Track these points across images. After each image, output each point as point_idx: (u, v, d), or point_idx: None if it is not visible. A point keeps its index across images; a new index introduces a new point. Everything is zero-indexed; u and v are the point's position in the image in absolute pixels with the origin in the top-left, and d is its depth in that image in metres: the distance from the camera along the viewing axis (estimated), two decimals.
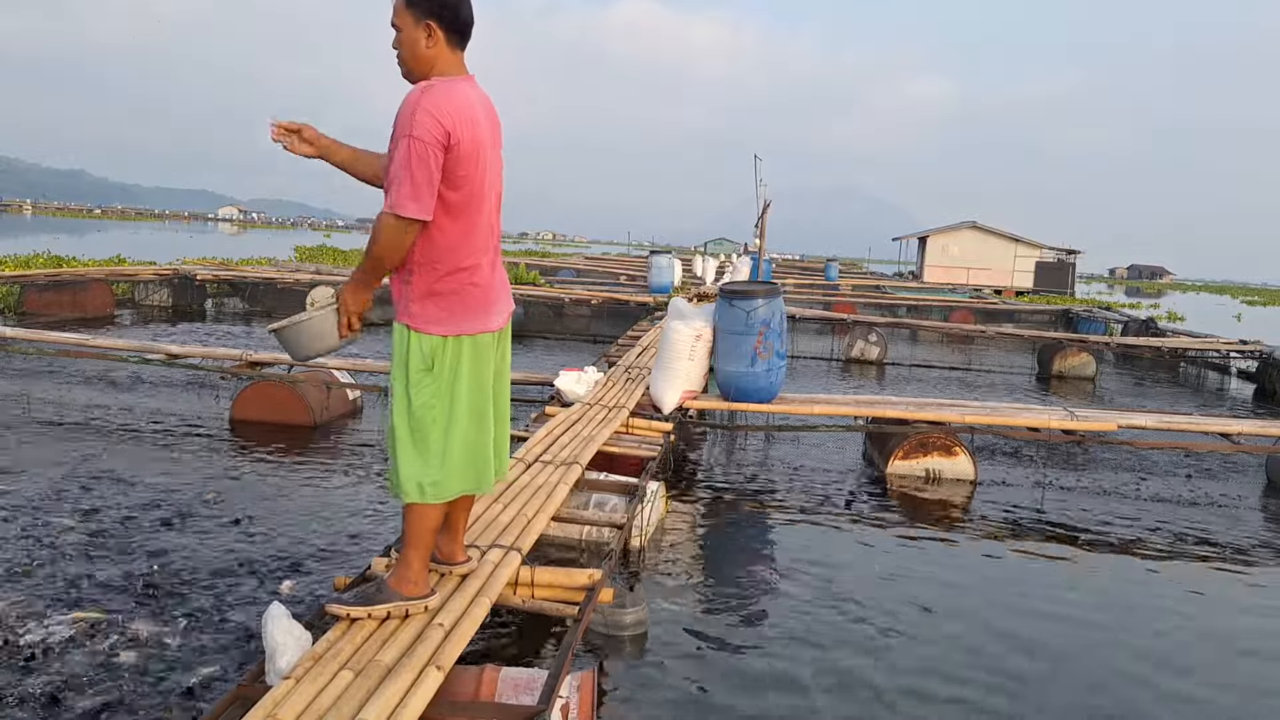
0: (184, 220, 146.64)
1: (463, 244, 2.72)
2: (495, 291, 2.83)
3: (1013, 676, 3.81)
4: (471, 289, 2.75)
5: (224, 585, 4.13)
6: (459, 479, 2.78)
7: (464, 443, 2.76)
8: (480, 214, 2.74)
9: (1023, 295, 33.31)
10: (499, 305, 2.85)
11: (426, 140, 2.55)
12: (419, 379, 2.71)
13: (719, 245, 71.17)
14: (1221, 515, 6.58)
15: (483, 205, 2.74)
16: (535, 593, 3.33)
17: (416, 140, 2.55)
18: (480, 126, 2.69)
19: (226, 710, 2.42)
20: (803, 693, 3.53)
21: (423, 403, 2.71)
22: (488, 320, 2.79)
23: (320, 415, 7.48)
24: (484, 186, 2.74)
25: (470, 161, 2.66)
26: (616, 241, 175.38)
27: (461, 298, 2.73)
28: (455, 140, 2.60)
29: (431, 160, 2.57)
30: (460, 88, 2.68)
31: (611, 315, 16.51)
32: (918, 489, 6.72)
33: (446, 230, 2.69)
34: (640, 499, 4.64)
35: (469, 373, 2.75)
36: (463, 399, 2.74)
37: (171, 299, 16.48)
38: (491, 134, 2.78)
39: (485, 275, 2.79)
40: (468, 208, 2.70)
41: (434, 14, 2.68)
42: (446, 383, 2.72)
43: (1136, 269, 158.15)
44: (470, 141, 2.64)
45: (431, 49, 2.70)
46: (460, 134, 2.61)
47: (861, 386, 11.94)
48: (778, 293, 6.97)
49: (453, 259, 2.71)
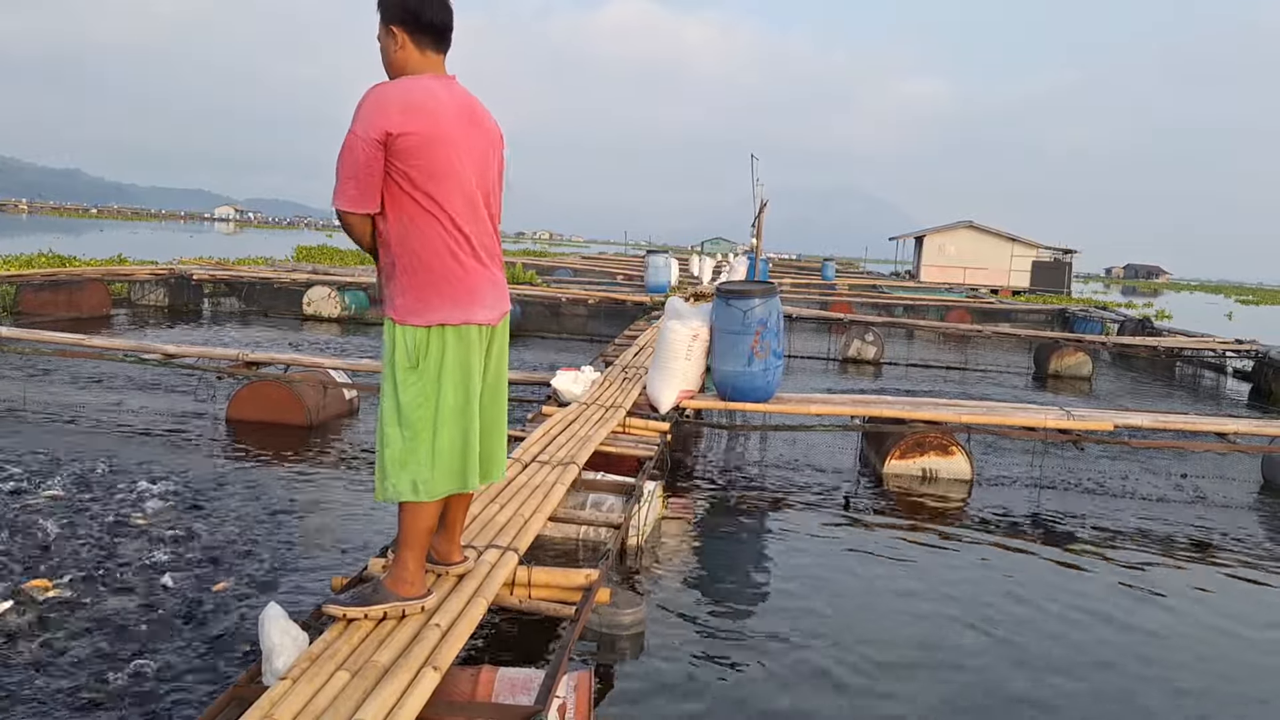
0: (180, 220, 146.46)
1: (434, 238, 2.71)
2: (479, 286, 2.80)
3: (1012, 675, 3.82)
4: (449, 281, 2.73)
5: (219, 585, 4.12)
6: (446, 477, 2.77)
7: (450, 440, 2.75)
8: (454, 205, 2.71)
9: (1019, 295, 33.36)
10: (484, 299, 2.81)
11: (359, 134, 2.59)
12: (405, 377, 2.71)
13: (716, 245, 71.23)
14: (1217, 515, 6.60)
15: (456, 197, 2.71)
16: (532, 593, 3.33)
17: (352, 134, 2.60)
18: (443, 119, 2.68)
19: (223, 711, 2.41)
20: (801, 692, 3.53)
21: (409, 400, 2.71)
22: (470, 312, 2.76)
23: (316, 415, 7.47)
24: (453, 177, 2.70)
25: (425, 150, 2.64)
26: (613, 241, 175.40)
27: (438, 289, 2.72)
28: (400, 133, 2.60)
29: (362, 154, 2.59)
30: (420, 83, 2.68)
31: (608, 315, 16.50)
32: (914, 488, 6.73)
33: (422, 223, 2.69)
34: (637, 499, 4.64)
35: (453, 366, 2.73)
36: (447, 395, 2.73)
37: (168, 299, 16.45)
38: (471, 136, 2.77)
39: (471, 268, 2.76)
40: (438, 199, 2.69)
41: (397, 19, 2.71)
42: (432, 379, 2.71)
43: (1133, 268, 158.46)
44: (422, 130, 2.62)
45: (399, 53, 2.74)
46: (406, 124, 2.60)
47: (858, 386, 11.95)
48: (774, 292, 6.97)
49: (426, 253, 2.70)
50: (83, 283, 14.33)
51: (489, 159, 2.85)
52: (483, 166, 2.82)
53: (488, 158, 2.84)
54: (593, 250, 78.40)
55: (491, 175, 2.88)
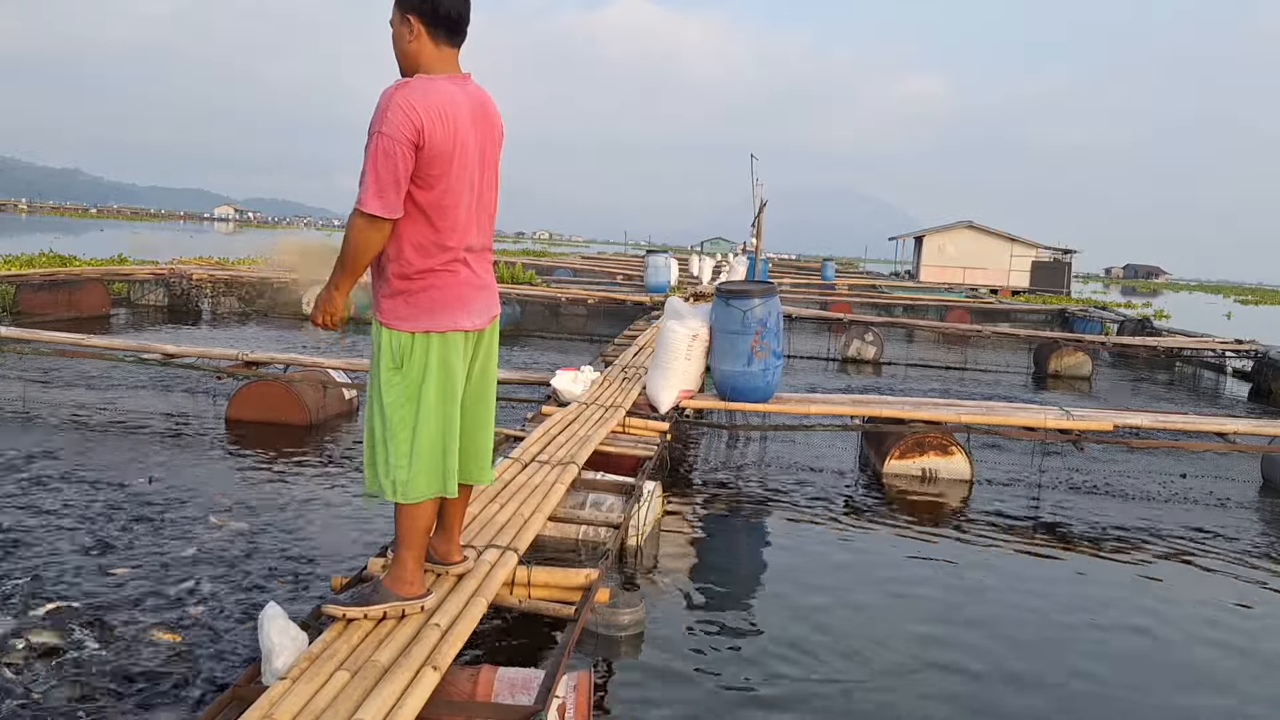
0: (180, 220, 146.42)
1: (436, 244, 2.68)
2: (473, 292, 2.77)
3: (1010, 675, 3.82)
4: (443, 288, 2.70)
5: (219, 585, 4.12)
6: (424, 480, 2.74)
7: (429, 444, 2.72)
8: (456, 214, 2.69)
9: (1019, 295, 33.34)
10: (476, 305, 2.78)
11: (395, 137, 2.52)
12: (389, 378, 2.70)
13: (715, 245, 71.22)
14: (1217, 514, 6.60)
15: (459, 205, 2.69)
16: (532, 593, 3.33)
17: (385, 137, 2.52)
18: (461, 126, 2.64)
19: (222, 711, 2.41)
20: (799, 692, 3.53)
21: (392, 401, 2.70)
22: (458, 319, 2.73)
23: (316, 415, 7.47)
24: (461, 186, 2.68)
25: (443, 160, 2.61)
26: (613, 241, 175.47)
27: (431, 296, 2.69)
28: (427, 138, 2.56)
29: (399, 157, 2.53)
30: (439, 85, 2.64)
31: (608, 315, 16.50)
32: (914, 488, 6.72)
33: (419, 229, 2.66)
34: (637, 499, 4.64)
35: (436, 371, 2.70)
36: (429, 400, 2.70)
37: (167, 299, 16.44)
38: (480, 134, 2.74)
39: (461, 275, 2.73)
40: (442, 207, 2.66)
41: (414, 7, 2.66)
42: (414, 382, 2.70)
43: (1132, 268, 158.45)
44: (444, 140, 2.59)
45: (413, 44, 2.69)
46: (433, 132, 2.56)
47: (858, 386, 11.94)
48: (774, 292, 6.97)
49: (424, 259, 2.68)
50: (82, 283, 14.32)
51: (490, 153, 2.82)
52: (485, 162, 2.80)
53: (490, 152, 2.82)
54: (592, 250, 78.34)
55: (491, 170, 2.84)
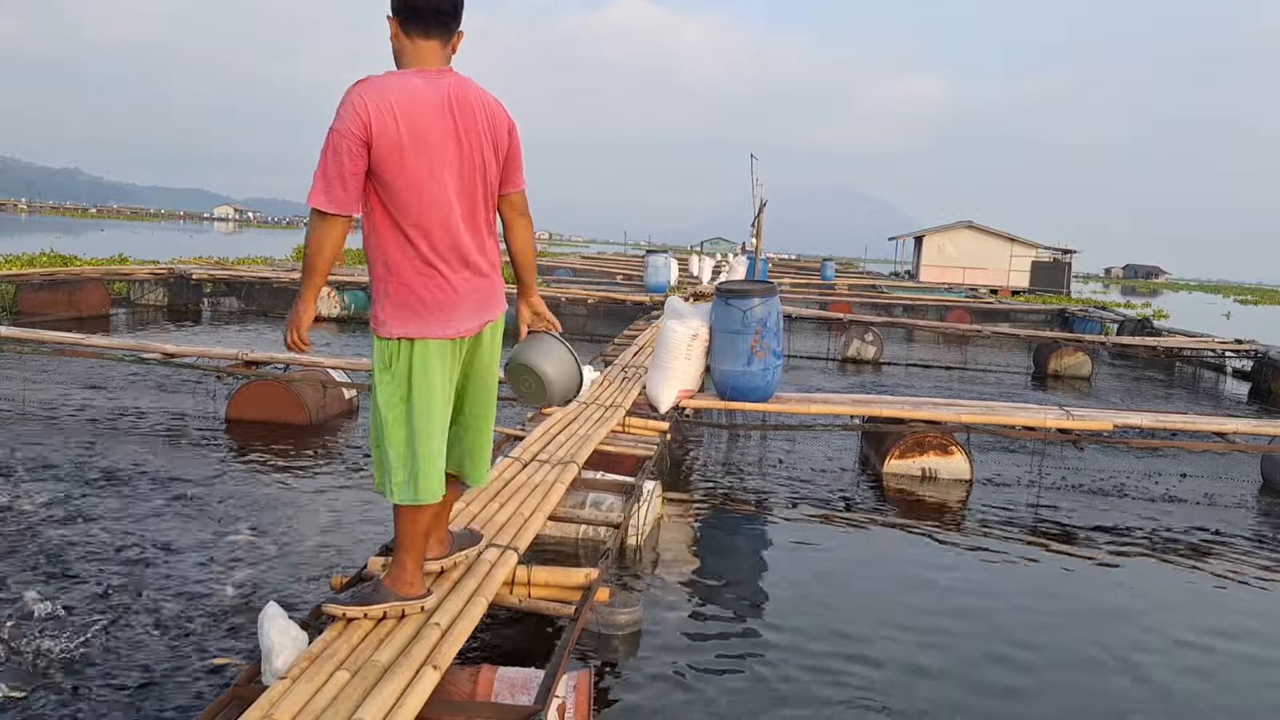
0: (180, 219, 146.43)
1: (408, 254, 2.63)
2: (455, 298, 2.70)
3: (1010, 675, 3.82)
4: (420, 298, 2.65)
5: (218, 585, 4.12)
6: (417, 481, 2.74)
7: (417, 446, 2.71)
8: (421, 211, 2.61)
9: (1018, 295, 33.36)
10: (459, 313, 2.71)
11: (343, 133, 2.50)
12: (380, 378, 2.72)
13: (715, 245, 71.27)
14: (1216, 514, 6.60)
15: (421, 202, 2.60)
16: (532, 592, 3.33)
17: (334, 132, 2.51)
18: (421, 119, 2.56)
19: (222, 711, 2.41)
20: (798, 691, 3.53)
21: (383, 400, 2.71)
22: (445, 326, 2.68)
23: (316, 414, 7.47)
24: (424, 183, 2.59)
25: (395, 156, 2.54)
26: (613, 241, 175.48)
27: (410, 306, 2.65)
28: (375, 134, 2.50)
29: (345, 153, 2.50)
30: (401, 80, 2.59)
31: (608, 315, 16.50)
32: (914, 488, 6.73)
33: (390, 229, 2.64)
34: (637, 498, 4.64)
35: (420, 375, 2.68)
36: (415, 401, 2.69)
37: (167, 298, 16.45)
38: (458, 125, 2.63)
39: (437, 280, 2.66)
40: (402, 204, 2.60)
41: (392, 6, 2.69)
42: (401, 382, 2.70)
43: (1132, 268, 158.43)
44: (395, 135, 2.52)
45: (395, 41, 2.71)
46: (382, 128, 2.50)
47: (857, 386, 11.94)
48: (774, 292, 6.97)
49: (402, 261, 2.64)
50: (82, 282, 14.32)
51: (475, 143, 2.68)
52: (475, 159, 2.69)
53: (474, 143, 2.68)
54: (592, 250, 78.37)
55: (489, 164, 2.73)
